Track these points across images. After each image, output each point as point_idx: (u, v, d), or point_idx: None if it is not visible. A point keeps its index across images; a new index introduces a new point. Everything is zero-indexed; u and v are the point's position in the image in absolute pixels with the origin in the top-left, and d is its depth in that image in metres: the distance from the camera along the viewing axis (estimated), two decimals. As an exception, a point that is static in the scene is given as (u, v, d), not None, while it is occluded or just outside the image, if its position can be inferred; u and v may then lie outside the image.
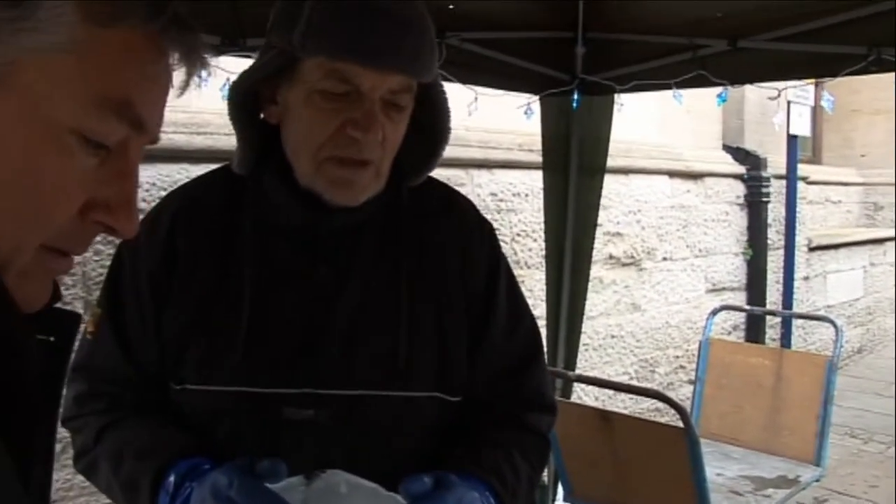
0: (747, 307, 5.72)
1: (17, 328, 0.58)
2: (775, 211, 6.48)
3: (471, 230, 1.27)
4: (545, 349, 1.41)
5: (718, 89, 2.92)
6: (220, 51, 2.27)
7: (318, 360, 1.13)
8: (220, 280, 1.16)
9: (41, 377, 0.61)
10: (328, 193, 1.12)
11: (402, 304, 1.16)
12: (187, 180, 1.30)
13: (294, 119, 1.12)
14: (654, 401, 4.51)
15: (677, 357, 5.63)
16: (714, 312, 4.14)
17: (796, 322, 6.65)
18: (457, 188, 1.35)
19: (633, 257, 5.24)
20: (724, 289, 6.04)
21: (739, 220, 6.23)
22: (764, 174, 6.27)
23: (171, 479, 1.06)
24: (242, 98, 1.15)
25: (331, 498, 0.98)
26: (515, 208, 4.47)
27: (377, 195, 1.16)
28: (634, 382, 5.11)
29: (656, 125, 5.36)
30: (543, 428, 1.28)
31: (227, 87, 2.49)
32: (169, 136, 2.94)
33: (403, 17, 1.06)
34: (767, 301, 6.33)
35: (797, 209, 6.63)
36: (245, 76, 1.14)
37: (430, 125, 1.20)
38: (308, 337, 1.14)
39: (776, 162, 6.49)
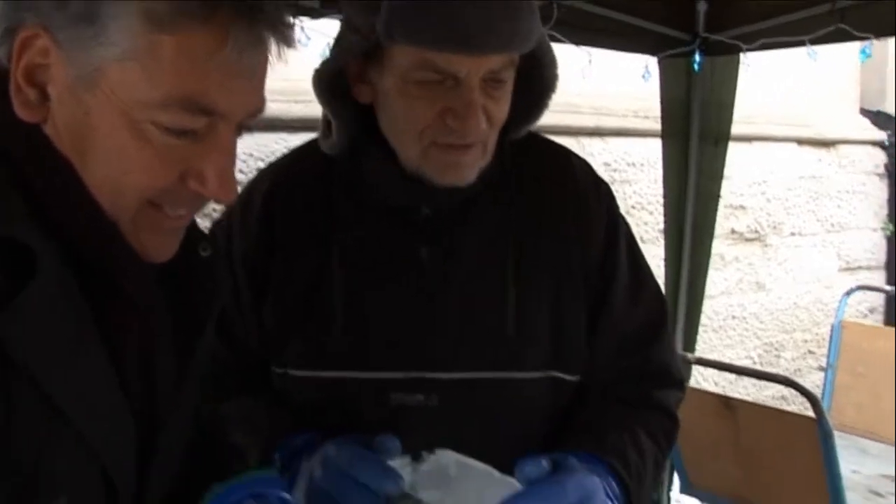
0: (887, 287, 5.45)
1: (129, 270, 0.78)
2: (921, 181, 6.21)
3: (586, 191, 1.24)
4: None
5: (858, 45, 2.78)
6: (319, 13, 2.28)
7: (426, 343, 1.14)
8: (319, 265, 1.17)
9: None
10: (436, 177, 1.12)
11: (508, 280, 1.16)
12: (285, 150, 1.32)
13: (389, 106, 1.11)
14: (779, 388, 4.49)
15: (805, 341, 5.52)
16: (848, 293, 4.12)
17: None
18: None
19: (757, 232, 5.16)
20: (859, 268, 5.85)
21: (878, 191, 5.99)
22: (907, 140, 5.98)
23: (279, 455, 1.10)
24: (329, 81, 1.12)
25: (440, 480, 0.97)
26: (630, 179, 4.43)
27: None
28: (758, 368, 5.02)
29: (783, 88, 5.19)
30: (671, 405, 1.26)
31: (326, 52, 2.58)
32: (266, 105, 3.00)
33: None
34: (910, 281, 6.15)
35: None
36: (329, 64, 1.12)
37: (536, 73, 1.16)
38: (414, 319, 1.15)
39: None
